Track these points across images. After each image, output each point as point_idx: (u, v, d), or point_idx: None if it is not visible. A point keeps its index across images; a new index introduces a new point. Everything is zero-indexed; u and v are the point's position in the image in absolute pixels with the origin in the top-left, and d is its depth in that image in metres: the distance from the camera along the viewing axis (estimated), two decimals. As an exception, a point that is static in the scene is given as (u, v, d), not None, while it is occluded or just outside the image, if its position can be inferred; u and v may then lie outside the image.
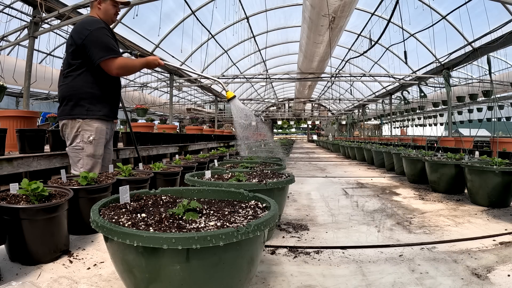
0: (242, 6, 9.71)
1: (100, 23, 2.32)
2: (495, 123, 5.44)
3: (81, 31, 2.25)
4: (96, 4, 2.41)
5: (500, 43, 7.28)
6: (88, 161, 2.34)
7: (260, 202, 1.34)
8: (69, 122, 2.32)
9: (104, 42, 2.26)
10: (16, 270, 1.35)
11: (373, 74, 13.35)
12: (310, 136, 34.71)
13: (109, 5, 2.42)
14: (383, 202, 2.99)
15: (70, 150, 2.38)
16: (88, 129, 2.32)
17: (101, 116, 2.37)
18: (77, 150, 2.34)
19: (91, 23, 2.29)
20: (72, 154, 2.37)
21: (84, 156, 2.33)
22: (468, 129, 18.88)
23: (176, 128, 7.86)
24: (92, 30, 2.24)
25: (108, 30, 2.35)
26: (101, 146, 2.41)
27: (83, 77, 2.30)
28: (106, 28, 2.33)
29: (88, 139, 2.32)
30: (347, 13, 6.81)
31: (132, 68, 2.43)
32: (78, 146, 2.33)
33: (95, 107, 2.34)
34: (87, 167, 2.32)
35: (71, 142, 2.35)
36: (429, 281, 1.37)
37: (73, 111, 2.30)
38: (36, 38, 4.73)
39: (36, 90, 12.56)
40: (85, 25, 2.27)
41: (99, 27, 2.27)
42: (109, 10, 2.43)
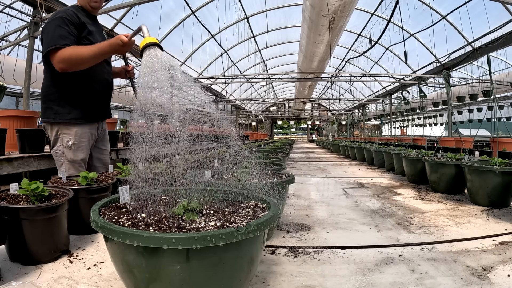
0: (242, 6, 9.72)
1: (58, 13, 2.03)
2: (495, 123, 5.45)
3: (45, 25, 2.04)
4: None
5: (500, 43, 7.29)
6: (70, 166, 2.18)
7: (260, 202, 1.34)
8: (48, 125, 2.17)
9: (51, 33, 1.94)
10: (16, 270, 1.35)
11: (373, 74, 13.36)
12: (310, 136, 34.73)
13: None
14: (383, 202, 2.99)
15: (53, 154, 2.23)
16: (67, 133, 2.15)
17: (71, 120, 2.13)
18: (58, 154, 2.19)
19: (51, 16, 2.06)
20: (55, 158, 2.23)
21: (66, 161, 2.18)
22: (468, 129, 18.89)
23: (176, 128, 7.85)
24: (46, 24, 2.01)
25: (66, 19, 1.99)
26: (82, 150, 2.20)
27: (50, 75, 2.09)
28: (63, 17, 1.99)
29: (67, 144, 2.15)
30: (347, 13, 6.82)
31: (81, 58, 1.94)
32: (59, 150, 2.18)
33: (63, 109, 2.12)
34: (69, 171, 2.16)
35: (53, 145, 2.20)
36: (429, 281, 1.37)
37: (45, 114, 2.14)
38: (36, 38, 4.73)
39: (36, 90, 12.54)
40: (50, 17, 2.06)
41: (55, 17, 2.00)
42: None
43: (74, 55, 1.93)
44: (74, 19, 2.04)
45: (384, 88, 15.69)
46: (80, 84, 2.14)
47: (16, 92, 12.72)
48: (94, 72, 2.17)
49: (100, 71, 2.24)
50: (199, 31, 9.95)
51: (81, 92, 2.16)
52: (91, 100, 2.23)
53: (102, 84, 2.29)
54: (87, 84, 2.18)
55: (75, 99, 2.14)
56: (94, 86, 2.23)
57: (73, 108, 2.14)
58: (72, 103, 2.14)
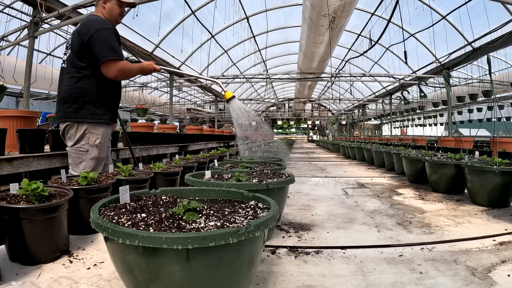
0: (242, 6, 9.72)
1: (108, 24, 2.27)
2: (495, 123, 5.45)
3: (88, 29, 2.19)
4: (101, 3, 2.36)
5: (500, 43, 7.28)
6: (92, 163, 2.32)
7: (260, 202, 1.34)
8: (74, 124, 2.28)
9: (109, 42, 2.20)
10: (16, 270, 1.35)
11: (373, 74, 13.35)
12: (310, 136, 34.73)
13: (114, 5, 2.37)
14: (383, 202, 2.99)
15: (73, 151, 2.32)
16: (95, 133, 2.31)
17: (106, 120, 2.36)
18: (81, 151, 2.30)
19: (99, 22, 2.24)
20: (75, 155, 2.32)
21: (88, 159, 2.31)
22: (468, 129, 18.88)
23: (176, 128, 7.86)
24: (99, 29, 2.19)
25: (114, 32, 2.29)
26: (105, 149, 2.41)
27: (89, 79, 2.25)
28: (112, 29, 2.28)
29: (94, 143, 2.30)
30: (347, 13, 6.81)
31: (130, 73, 2.33)
32: (83, 148, 2.30)
33: (99, 110, 2.31)
34: (89, 169, 2.28)
35: (75, 143, 2.30)
36: (429, 281, 1.37)
37: (77, 113, 2.26)
38: (36, 38, 4.73)
39: (36, 90, 12.56)
40: (93, 23, 2.22)
41: (106, 27, 2.23)
42: (113, 10, 2.37)
43: (127, 68, 2.29)
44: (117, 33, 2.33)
45: (384, 88, 15.68)
46: (115, 90, 2.45)
47: (16, 92, 12.72)
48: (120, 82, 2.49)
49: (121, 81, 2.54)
50: (199, 31, 9.94)
51: (113, 97, 2.45)
52: (116, 104, 2.52)
53: (120, 91, 2.57)
54: (116, 91, 2.47)
55: (109, 102, 2.40)
56: (119, 93, 2.54)
57: (107, 111, 2.39)
58: (106, 106, 2.38)
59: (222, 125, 24.81)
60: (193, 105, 19.67)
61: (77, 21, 5.15)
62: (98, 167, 2.36)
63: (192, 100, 19.77)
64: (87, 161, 2.30)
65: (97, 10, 2.40)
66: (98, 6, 2.39)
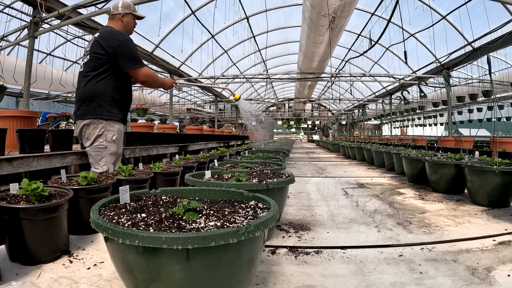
0: (242, 6, 9.71)
1: (127, 36, 2.57)
2: (495, 123, 5.44)
3: (112, 40, 2.45)
4: (119, 17, 2.63)
5: (500, 43, 7.28)
6: (111, 158, 2.52)
7: (260, 202, 1.34)
8: (92, 121, 2.47)
9: (133, 53, 2.51)
10: (16, 270, 1.35)
11: (373, 74, 13.35)
12: (310, 136, 34.73)
13: (130, 19, 2.68)
14: (383, 202, 3.00)
15: (92, 149, 2.52)
16: (111, 130, 2.51)
17: (119, 119, 2.60)
18: (100, 149, 2.50)
19: (120, 34, 2.52)
20: (94, 153, 2.51)
21: (108, 154, 2.51)
22: (468, 129, 18.88)
23: (176, 128, 7.85)
24: (122, 41, 2.46)
25: (133, 43, 2.59)
26: (121, 145, 2.64)
27: (106, 81, 2.48)
28: (131, 40, 2.57)
29: (112, 139, 2.51)
30: (347, 13, 6.81)
31: (156, 80, 2.68)
32: (102, 145, 2.49)
33: (114, 109, 2.53)
34: (109, 164, 2.48)
35: (93, 141, 2.50)
36: (429, 281, 1.37)
37: (95, 111, 2.46)
38: (36, 38, 4.72)
39: (36, 90, 12.56)
40: (115, 35, 2.49)
41: (128, 39, 2.52)
42: (130, 24, 2.70)
43: (154, 75, 2.72)
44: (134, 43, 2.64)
45: (384, 88, 15.68)
46: (128, 94, 2.70)
47: (16, 92, 12.72)
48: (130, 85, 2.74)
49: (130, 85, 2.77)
50: (199, 31, 9.93)
51: (126, 100, 2.69)
52: (128, 106, 2.76)
53: (131, 94, 2.79)
54: (128, 94, 2.71)
55: (122, 104, 2.64)
56: (130, 96, 2.75)
57: (120, 111, 2.61)
58: (120, 107, 2.62)
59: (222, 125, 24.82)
60: (193, 105, 19.68)
61: (77, 21, 5.15)
62: (117, 161, 2.58)
63: (192, 100, 19.77)
64: (107, 156, 2.51)
65: (113, 23, 2.65)
66: (115, 19, 2.65)
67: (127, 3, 2.66)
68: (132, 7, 2.69)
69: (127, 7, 2.64)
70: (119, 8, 2.62)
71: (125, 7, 2.63)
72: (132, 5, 2.69)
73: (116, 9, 2.63)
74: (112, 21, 2.65)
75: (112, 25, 2.63)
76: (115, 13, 2.62)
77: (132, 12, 2.67)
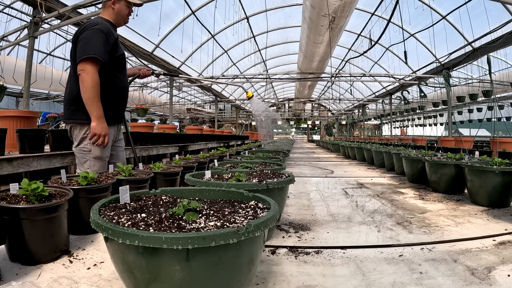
0: (242, 6, 9.72)
1: (99, 25, 2.22)
2: (495, 123, 5.45)
3: (77, 32, 2.23)
4: (110, 4, 2.37)
5: (500, 43, 7.29)
6: (95, 162, 2.35)
7: (260, 202, 1.34)
8: (77, 125, 2.32)
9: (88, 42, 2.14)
10: (16, 270, 1.35)
11: (373, 74, 13.35)
12: (310, 136, 34.75)
13: (123, 6, 2.40)
14: (383, 202, 3.00)
15: (77, 151, 2.37)
16: None
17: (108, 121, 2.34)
18: (84, 151, 2.34)
19: (91, 23, 2.24)
20: (79, 155, 2.37)
21: (91, 158, 2.33)
22: (468, 129, 18.90)
23: (176, 128, 7.86)
24: (83, 31, 2.19)
25: (107, 35, 2.22)
26: (108, 149, 2.40)
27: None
28: (103, 31, 2.20)
29: None
30: (347, 13, 6.82)
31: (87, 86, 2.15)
32: (86, 148, 2.32)
33: None
34: (94, 168, 2.32)
35: (79, 143, 2.35)
36: (429, 281, 1.37)
37: (75, 115, 2.29)
38: (36, 38, 4.73)
39: (36, 90, 12.57)
40: (86, 24, 2.24)
41: (95, 28, 2.18)
42: (122, 11, 2.41)
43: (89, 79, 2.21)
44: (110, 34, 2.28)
45: (384, 88, 15.69)
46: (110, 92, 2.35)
47: (16, 92, 12.72)
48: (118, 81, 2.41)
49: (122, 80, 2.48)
50: (199, 31, 9.94)
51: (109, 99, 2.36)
52: (116, 105, 2.46)
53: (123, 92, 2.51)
54: (116, 92, 2.42)
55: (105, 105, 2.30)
56: (120, 94, 2.46)
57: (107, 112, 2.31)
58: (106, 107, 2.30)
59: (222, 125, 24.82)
60: (193, 105, 19.68)
61: (77, 21, 5.15)
62: (102, 166, 2.38)
63: (192, 100, 19.78)
64: (91, 160, 2.34)
65: (105, 11, 2.41)
66: (107, 7, 2.40)
67: None
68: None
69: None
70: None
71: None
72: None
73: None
74: (103, 10, 2.42)
75: (103, 15, 2.40)
76: (105, 0, 2.39)
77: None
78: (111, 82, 2.32)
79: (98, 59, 2.14)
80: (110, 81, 2.31)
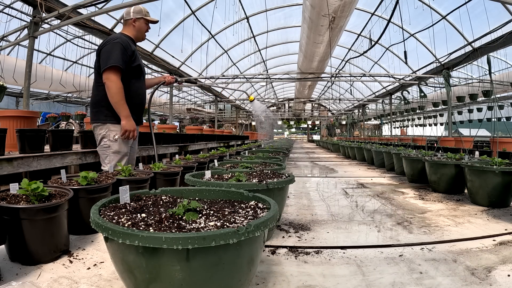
0: (242, 6, 9.71)
1: (118, 39, 2.54)
2: (495, 123, 5.45)
3: (100, 45, 2.57)
4: (131, 22, 2.71)
5: (500, 43, 7.28)
6: (114, 157, 2.61)
7: (260, 202, 1.34)
8: (98, 125, 2.63)
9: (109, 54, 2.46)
10: (16, 270, 1.35)
11: (373, 74, 13.35)
12: (310, 136, 34.74)
13: (142, 23, 2.74)
14: (383, 202, 2.99)
15: (100, 149, 2.66)
16: (114, 130, 2.59)
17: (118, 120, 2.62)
18: (104, 148, 2.62)
19: (112, 38, 2.58)
20: (101, 152, 2.66)
21: (111, 153, 2.61)
22: (468, 129, 18.88)
23: (176, 128, 7.85)
24: (105, 44, 2.52)
25: (125, 47, 2.53)
26: (125, 144, 2.66)
27: (103, 87, 2.53)
28: (122, 43, 2.52)
29: (113, 138, 2.59)
30: (347, 13, 6.81)
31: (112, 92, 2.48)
32: (106, 144, 2.61)
33: (113, 113, 2.58)
34: (113, 162, 2.58)
35: (100, 141, 2.64)
36: (429, 281, 1.37)
37: (96, 116, 2.62)
38: (36, 38, 4.72)
39: (36, 90, 12.56)
40: (107, 39, 2.58)
41: (115, 42, 2.51)
42: (142, 28, 2.75)
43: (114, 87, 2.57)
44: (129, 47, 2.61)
45: (384, 88, 15.68)
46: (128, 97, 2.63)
47: (16, 92, 12.72)
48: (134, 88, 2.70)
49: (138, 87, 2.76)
50: (199, 31, 9.93)
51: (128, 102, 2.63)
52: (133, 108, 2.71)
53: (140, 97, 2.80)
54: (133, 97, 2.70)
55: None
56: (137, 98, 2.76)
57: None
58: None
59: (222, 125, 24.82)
60: (193, 105, 19.68)
61: (77, 21, 5.15)
62: (122, 160, 2.66)
63: (192, 100, 19.77)
64: (110, 155, 2.62)
65: (126, 28, 2.74)
66: (128, 25, 2.73)
67: (139, 8, 2.74)
68: (143, 11, 2.74)
69: (139, 12, 2.72)
70: (130, 14, 2.71)
71: (137, 12, 2.71)
72: (143, 10, 2.76)
73: (128, 15, 2.72)
74: (124, 26, 2.76)
75: (124, 31, 2.74)
76: (127, 18, 2.72)
77: (143, 17, 2.73)
78: (127, 89, 2.60)
79: (119, 67, 2.46)
80: (126, 87, 2.58)
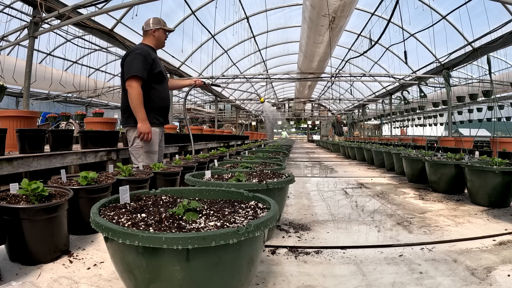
0: (242, 6, 9.72)
1: (139, 50, 2.80)
2: (495, 123, 5.44)
3: (124, 56, 2.84)
4: (151, 32, 2.97)
5: (500, 43, 7.29)
6: (146, 156, 2.89)
7: (260, 202, 1.34)
8: (130, 128, 2.91)
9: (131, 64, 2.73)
10: (16, 270, 1.35)
11: (373, 74, 13.35)
12: (310, 136, 34.74)
13: (161, 33, 3.01)
14: (383, 202, 3.00)
15: (132, 149, 2.94)
16: None
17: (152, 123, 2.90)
18: (137, 148, 2.90)
19: (133, 49, 2.84)
20: (134, 152, 2.94)
21: (143, 153, 2.88)
22: (468, 129, 18.88)
23: (176, 128, 7.86)
24: (128, 55, 2.79)
25: (145, 57, 2.78)
26: (155, 144, 2.94)
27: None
28: (142, 54, 2.78)
29: None
30: (347, 13, 6.82)
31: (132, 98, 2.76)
32: (138, 145, 2.89)
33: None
34: (146, 161, 2.87)
35: (132, 143, 2.91)
36: (429, 281, 1.37)
37: (127, 120, 2.90)
38: (36, 38, 4.72)
39: (36, 90, 12.56)
40: (129, 51, 2.84)
41: (136, 53, 2.77)
42: (161, 37, 3.02)
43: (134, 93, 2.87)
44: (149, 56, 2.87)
45: (384, 88, 15.68)
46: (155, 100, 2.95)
47: (16, 92, 12.72)
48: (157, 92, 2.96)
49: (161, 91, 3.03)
50: (199, 31, 9.93)
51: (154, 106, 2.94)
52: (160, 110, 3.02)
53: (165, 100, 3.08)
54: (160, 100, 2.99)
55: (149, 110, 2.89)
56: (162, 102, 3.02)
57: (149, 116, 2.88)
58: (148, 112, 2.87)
59: (222, 125, 24.82)
60: (193, 105, 19.68)
61: (77, 21, 5.15)
62: (153, 158, 2.93)
63: (192, 100, 19.77)
64: (143, 154, 2.89)
65: (146, 39, 3.01)
66: (148, 35, 2.99)
67: (157, 20, 2.99)
68: (161, 22, 3.00)
69: (158, 23, 2.97)
70: (150, 25, 2.96)
71: (156, 23, 2.97)
72: (161, 21, 3.01)
73: (148, 26, 2.96)
74: (145, 37, 3.01)
75: (145, 41, 2.98)
76: (147, 29, 2.96)
77: (162, 27, 2.99)
78: (151, 93, 2.87)
79: (139, 76, 2.73)
80: (150, 92, 2.85)
